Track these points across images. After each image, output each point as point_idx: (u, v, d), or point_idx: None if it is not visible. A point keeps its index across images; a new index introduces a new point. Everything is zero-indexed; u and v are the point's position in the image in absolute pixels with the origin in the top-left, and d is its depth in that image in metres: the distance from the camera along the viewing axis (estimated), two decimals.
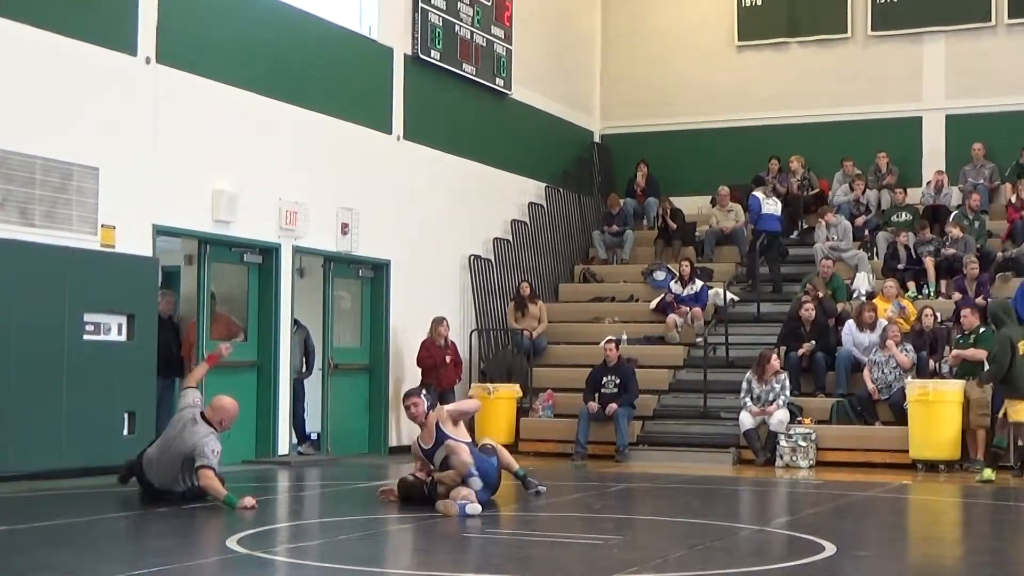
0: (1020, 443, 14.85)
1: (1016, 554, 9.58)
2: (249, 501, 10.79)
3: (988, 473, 14.40)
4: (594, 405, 17.39)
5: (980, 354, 15.92)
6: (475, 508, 10.39)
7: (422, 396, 11.59)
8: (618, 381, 17.53)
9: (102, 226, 13.96)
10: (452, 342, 18.07)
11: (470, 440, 11.53)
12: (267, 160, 16.14)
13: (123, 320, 14.12)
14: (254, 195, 15.78)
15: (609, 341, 17.96)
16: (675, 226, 22.02)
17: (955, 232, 19.52)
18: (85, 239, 13.77)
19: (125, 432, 14.04)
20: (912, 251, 19.80)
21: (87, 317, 13.72)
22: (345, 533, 9.72)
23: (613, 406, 17.23)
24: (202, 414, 11.34)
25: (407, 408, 11.60)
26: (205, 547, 9.07)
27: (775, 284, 20.45)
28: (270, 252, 16.29)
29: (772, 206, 20.49)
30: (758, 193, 20.60)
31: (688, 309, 19.63)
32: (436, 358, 17.57)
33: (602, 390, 17.56)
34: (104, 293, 13.83)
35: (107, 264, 13.94)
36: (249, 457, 15.79)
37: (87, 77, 13.90)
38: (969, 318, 16.52)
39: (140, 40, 14.47)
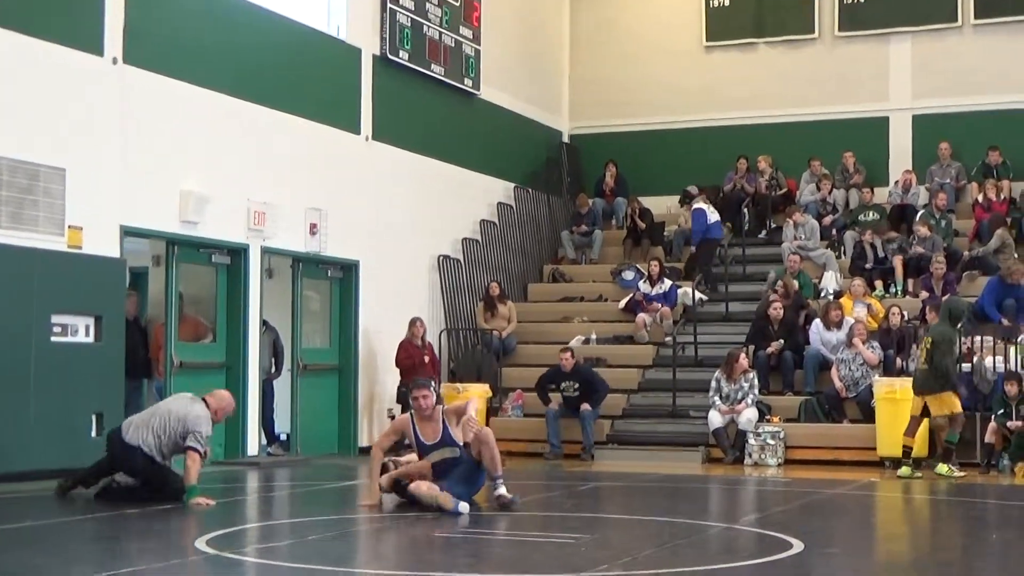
0: (944, 436, 15.05)
1: (982, 550, 9.65)
2: (204, 501, 11.00)
3: (942, 469, 14.70)
4: (554, 404, 17.41)
5: None
6: (465, 507, 10.54)
7: (432, 388, 11.22)
8: (577, 385, 17.55)
9: (69, 227, 13.88)
10: (428, 342, 18.12)
11: (463, 444, 11.24)
12: (235, 161, 16.10)
13: (91, 321, 14.04)
14: (222, 196, 15.73)
15: (564, 350, 17.90)
16: (644, 226, 22.07)
17: (923, 231, 19.64)
18: (52, 240, 13.70)
19: (93, 434, 13.95)
20: (879, 250, 19.90)
21: (54, 319, 13.64)
22: (315, 533, 9.71)
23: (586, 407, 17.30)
24: (203, 399, 11.56)
25: (416, 399, 11.11)
26: (175, 548, 9.05)
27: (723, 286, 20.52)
28: (238, 253, 16.24)
29: (715, 214, 20.80)
30: (702, 205, 20.76)
31: (659, 306, 19.69)
32: (415, 358, 17.59)
33: (563, 394, 17.62)
34: (71, 294, 13.76)
35: (74, 265, 13.87)
36: (218, 458, 15.73)
37: (53, 77, 13.83)
38: (931, 316, 16.71)
39: (107, 40, 14.40)
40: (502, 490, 10.95)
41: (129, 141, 14.64)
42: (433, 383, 11.48)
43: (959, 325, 15.56)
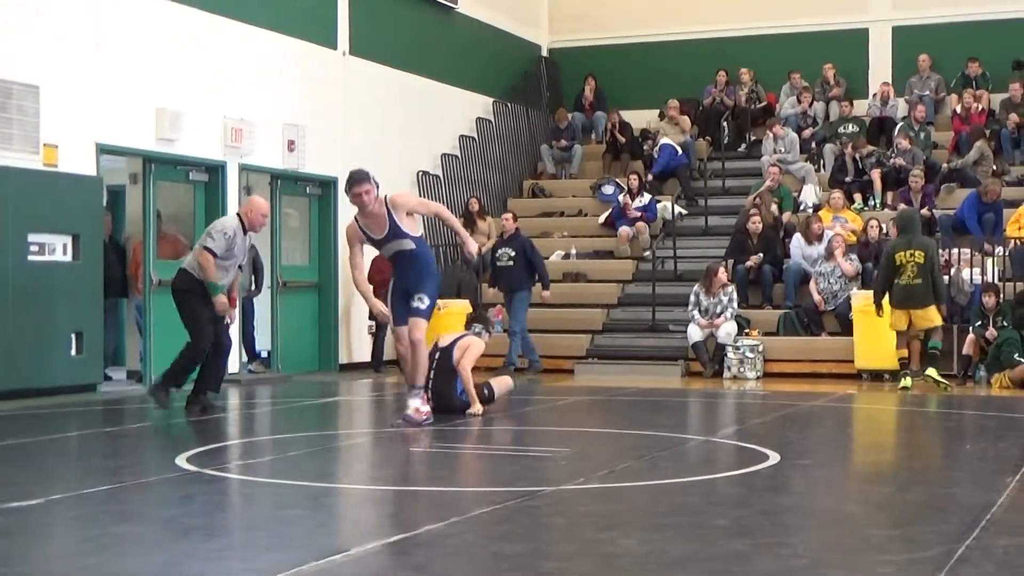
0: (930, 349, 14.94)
1: (956, 460, 9.75)
2: (223, 301, 11.63)
3: (931, 372, 14.63)
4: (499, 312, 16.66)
5: None
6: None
7: (371, 181, 10.37)
8: (513, 254, 17.03)
9: (44, 145, 13.79)
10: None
11: (421, 234, 10.69)
12: (211, 77, 15.97)
13: (68, 240, 14.01)
14: (198, 113, 15.63)
15: (507, 212, 17.73)
16: (624, 140, 22.02)
17: (903, 144, 19.63)
18: (27, 159, 13.61)
19: (73, 352, 14.00)
20: (859, 163, 19.90)
21: (31, 238, 13.61)
22: (295, 449, 9.76)
23: (547, 294, 17.04)
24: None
25: (357, 196, 10.37)
26: (154, 465, 9.08)
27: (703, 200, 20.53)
28: (216, 170, 16.17)
29: (683, 136, 21.19)
30: (667, 140, 20.80)
31: (640, 214, 19.69)
32: (385, 274, 17.50)
33: (497, 264, 17.27)
34: (48, 213, 13.71)
35: (50, 184, 13.80)
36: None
37: None
38: (893, 231, 16.73)
39: None
40: (416, 402, 10.60)
41: (103, 58, 14.51)
42: (371, 175, 10.45)
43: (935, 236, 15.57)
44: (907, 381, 14.60)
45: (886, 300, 14.86)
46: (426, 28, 20.48)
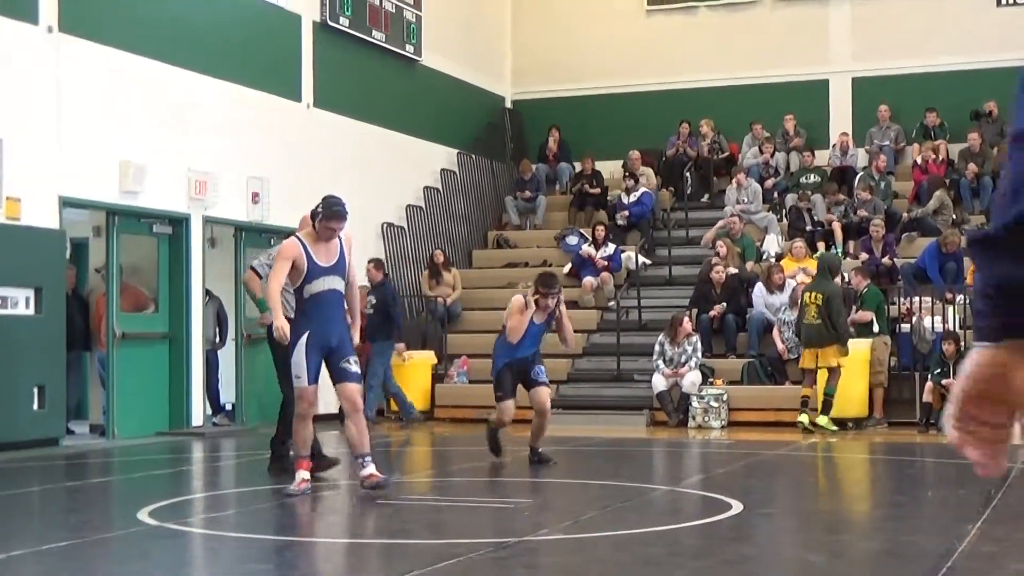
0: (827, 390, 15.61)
1: (918, 508, 9.80)
2: (266, 321, 10.34)
3: (822, 420, 15.34)
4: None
5: (866, 316, 16.45)
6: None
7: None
8: (375, 302, 16.80)
9: (7, 198, 13.76)
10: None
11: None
12: (175, 129, 15.99)
13: (30, 293, 13.95)
14: (162, 165, 15.64)
15: (371, 260, 17.32)
16: (599, 189, 22.09)
17: (864, 195, 19.83)
18: None
19: (35, 406, 13.91)
20: (815, 213, 20.12)
21: None
22: (260, 503, 9.72)
23: (402, 346, 17.11)
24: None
25: (328, 221, 9.66)
26: (116, 520, 9.04)
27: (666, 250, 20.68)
28: (180, 222, 16.16)
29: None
30: (646, 189, 21.13)
31: (606, 263, 19.76)
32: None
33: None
34: (10, 266, 13.65)
35: (13, 237, 13.75)
36: (163, 428, 15.71)
37: None
38: (856, 279, 17.01)
39: (42, 9, 14.25)
40: (370, 468, 9.50)
41: (66, 110, 14.51)
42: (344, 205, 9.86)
43: (840, 280, 16.48)
44: (803, 418, 15.37)
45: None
46: (390, 80, 20.58)
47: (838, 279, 16.91)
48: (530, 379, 11.60)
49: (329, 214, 9.68)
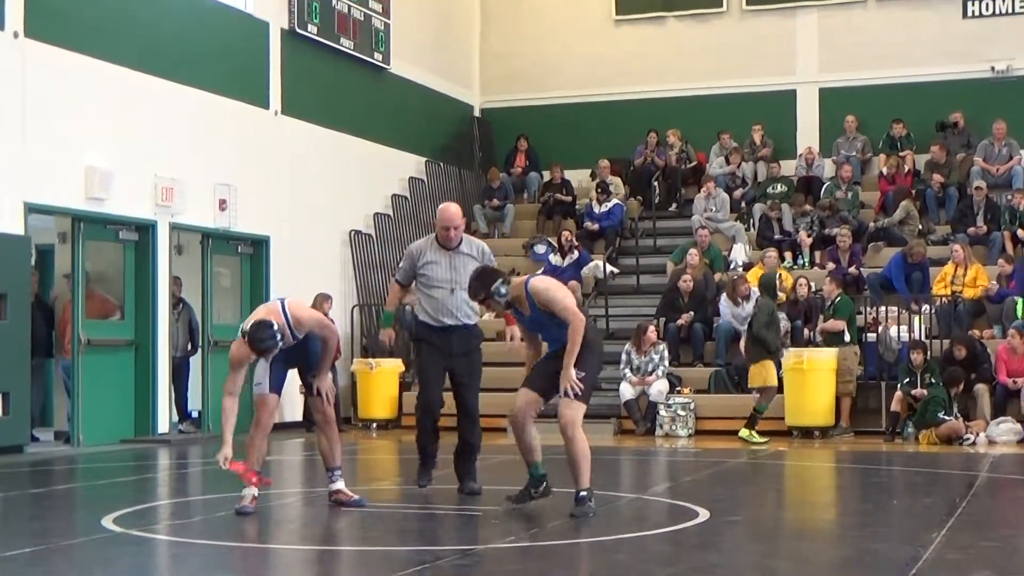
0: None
1: (883, 516, 9.83)
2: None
3: (744, 433, 15.66)
4: None
5: (839, 325, 16.52)
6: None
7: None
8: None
9: None
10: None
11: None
12: (142, 136, 15.92)
13: None
14: (129, 171, 15.56)
15: (319, 294, 17.01)
16: (570, 198, 22.10)
17: (829, 209, 19.96)
18: None
19: (0, 413, 13.81)
20: (783, 223, 20.18)
21: None
22: (225, 510, 9.66)
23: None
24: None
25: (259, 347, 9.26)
26: (80, 527, 8.97)
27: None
28: (146, 229, 16.08)
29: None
30: (617, 200, 21.25)
31: (574, 274, 19.77)
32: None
33: None
34: None
35: None
36: (128, 436, 15.62)
37: None
38: (827, 287, 17.09)
39: (8, 14, 14.17)
40: (339, 484, 9.52)
41: (31, 116, 14.42)
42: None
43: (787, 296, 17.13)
44: (744, 432, 15.73)
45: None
46: (358, 88, 20.54)
47: (781, 295, 17.19)
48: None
49: (249, 342, 9.33)
